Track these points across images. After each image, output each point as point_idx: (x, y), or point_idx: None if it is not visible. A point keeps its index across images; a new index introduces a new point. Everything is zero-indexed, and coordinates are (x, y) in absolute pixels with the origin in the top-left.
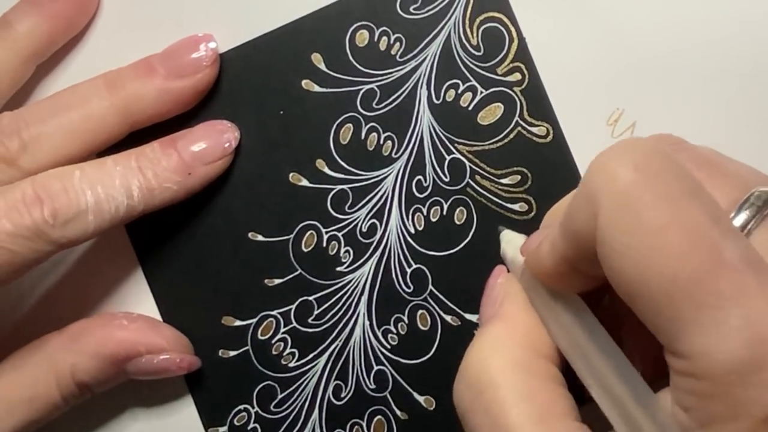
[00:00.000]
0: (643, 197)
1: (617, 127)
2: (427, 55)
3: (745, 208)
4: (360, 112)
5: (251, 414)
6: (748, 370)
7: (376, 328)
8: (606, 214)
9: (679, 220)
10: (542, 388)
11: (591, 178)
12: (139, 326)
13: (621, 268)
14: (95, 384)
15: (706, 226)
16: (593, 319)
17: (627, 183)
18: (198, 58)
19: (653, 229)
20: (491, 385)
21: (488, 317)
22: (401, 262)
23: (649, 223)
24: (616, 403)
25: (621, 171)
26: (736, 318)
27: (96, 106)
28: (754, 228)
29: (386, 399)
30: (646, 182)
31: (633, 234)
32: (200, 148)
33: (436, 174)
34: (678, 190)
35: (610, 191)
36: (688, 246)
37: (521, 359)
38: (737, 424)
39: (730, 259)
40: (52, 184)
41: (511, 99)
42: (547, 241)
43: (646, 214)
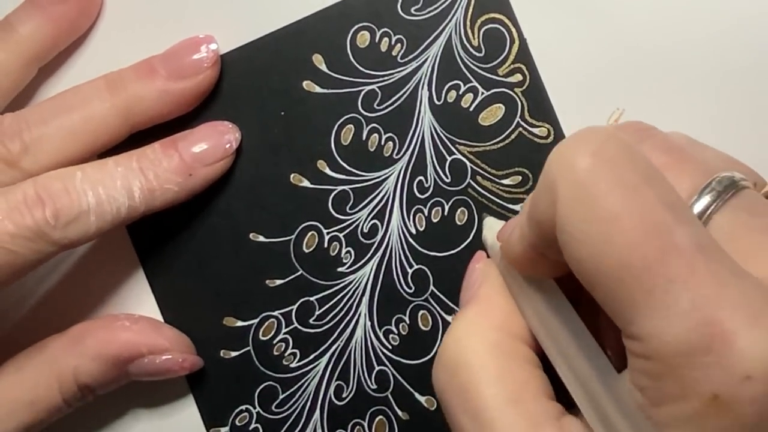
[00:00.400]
0: (599, 185)
1: None
2: (428, 56)
3: (706, 193)
4: (361, 113)
5: (253, 414)
6: (695, 352)
7: (377, 329)
8: (563, 202)
9: (633, 207)
10: (516, 368)
11: (550, 166)
12: (142, 327)
13: (579, 255)
14: (97, 386)
15: (659, 212)
16: (565, 302)
17: (583, 171)
18: (199, 60)
19: (608, 216)
20: (466, 366)
21: (466, 301)
22: (402, 262)
23: (603, 210)
24: (581, 381)
25: (578, 159)
26: (685, 301)
27: (97, 107)
28: (714, 212)
29: (387, 399)
30: (602, 170)
31: (589, 221)
32: (201, 149)
33: (437, 175)
34: (633, 178)
35: (567, 179)
36: (640, 232)
37: (495, 341)
38: (686, 404)
39: (680, 245)
40: (53, 184)
41: (512, 100)
42: (518, 228)
43: (600, 202)
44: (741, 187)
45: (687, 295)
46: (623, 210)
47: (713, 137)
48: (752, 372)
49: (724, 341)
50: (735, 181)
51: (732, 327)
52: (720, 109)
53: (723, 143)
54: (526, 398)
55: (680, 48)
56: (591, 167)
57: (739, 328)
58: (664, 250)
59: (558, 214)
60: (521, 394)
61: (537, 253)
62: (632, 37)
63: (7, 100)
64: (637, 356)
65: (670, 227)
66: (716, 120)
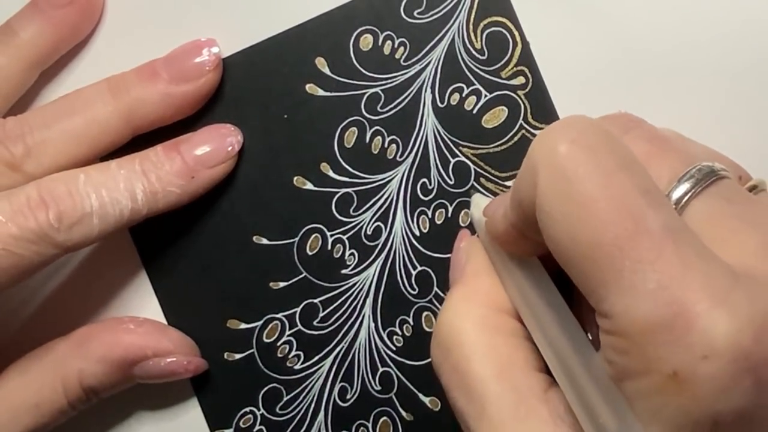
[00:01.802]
0: (577, 169)
1: None
2: (431, 59)
3: (685, 180)
4: (364, 116)
5: (257, 416)
6: (659, 330)
7: (381, 330)
8: (543, 184)
9: (608, 191)
10: (503, 342)
11: (532, 150)
12: (146, 330)
13: (556, 235)
14: (102, 389)
15: (633, 196)
16: (546, 279)
17: (562, 155)
18: (201, 63)
19: (583, 198)
20: (456, 344)
21: (453, 280)
22: (406, 264)
23: (580, 193)
24: (558, 356)
25: (559, 144)
26: (651, 281)
27: (100, 110)
28: (692, 198)
29: (392, 400)
30: (581, 155)
31: (566, 203)
32: (203, 152)
33: (441, 177)
34: (610, 163)
35: (547, 163)
36: (613, 214)
37: (483, 317)
38: (648, 379)
39: (651, 227)
40: (56, 187)
41: (515, 102)
42: (501, 207)
43: (578, 185)
44: (720, 177)
45: (653, 275)
46: (598, 193)
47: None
48: (710, 351)
49: (686, 320)
50: (714, 170)
51: (694, 307)
52: (722, 110)
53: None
54: (512, 371)
55: (682, 50)
56: (570, 152)
57: (701, 309)
58: (634, 231)
59: (538, 195)
60: (508, 367)
61: (518, 232)
62: (634, 39)
63: (9, 104)
64: (607, 333)
65: (642, 211)
66: (718, 121)
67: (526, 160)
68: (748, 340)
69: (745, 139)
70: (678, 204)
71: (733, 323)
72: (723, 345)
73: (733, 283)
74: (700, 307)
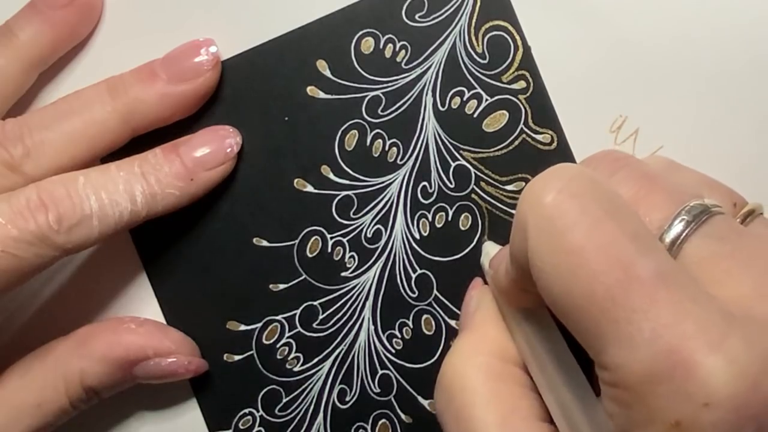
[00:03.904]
0: (564, 219)
1: (620, 134)
2: (432, 62)
3: (677, 222)
4: (365, 119)
5: (256, 418)
6: (658, 380)
7: (380, 333)
8: (532, 236)
9: (596, 240)
10: (507, 391)
11: (521, 204)
12: (147, 330)
13: (550, 288)
14: (103, 389)
15: (622, 243)
16: (554, 330)
17: (549, 207)
18: (199, 63)
19: (572, 249)
20: (461, 391)
21: (462, 327)
22: (406, 267)
23: (569, 243)
24: (562, 406)
25: (544, 196)
26: (647, 331)
27: (99, 111)
28: (684, 241)
29: (391, 403)
30: (567, 205)
31: (555, 256)
32: (202, 154)
33: (441, 180)
34: (597, 211)
35: (535, 215)
36: (603, 264)
37: (489, 366)
38: (651, 430)
39: (642, 275)
40: (56, 189)
41: (516, 106)
42: (504, 261)
43: (566, 236)
44: (712, 214)
45: (648, 324)
46: (586, 242)
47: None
48: (711, 399)
49: (685, 368)
50: (706, 208)
51: (692, 354)
52: (724, 117)
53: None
54: (515, 420)
55: (684, 55)
56: (556, 203)
57: (699, 355)
58: (625, 280)
59: (529, 249)
60: (511, 416)
61: (519, 287)
62: (636, 44)
63: (8, 105)
64: (607, 384)
65: (632, 258)
66: (720, 127)
67: (516, 215)
68: (748, 387)
69: (749, 145)
70: (672, 246)
71: (731, 370)
72: (723, 394)
73: (729, 327)
74: (698, 354)
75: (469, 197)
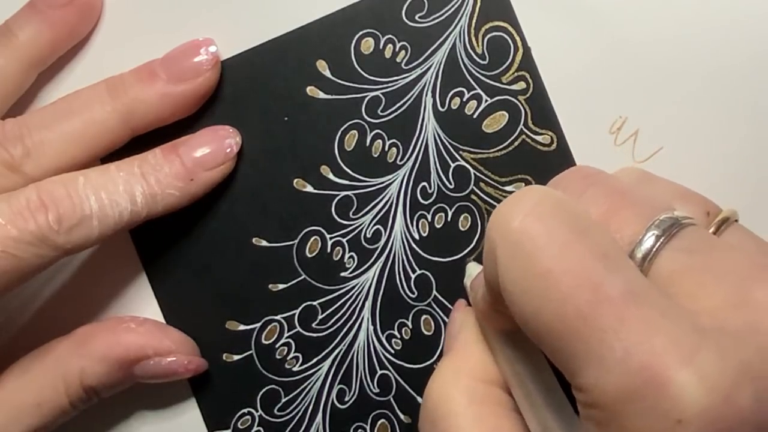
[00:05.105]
0: (531, 242)
1: (620, 135)
2: (432, 63)
3: (647, 237)
4: (365, 119)
5: (255, 418)
6: (632, 399)
7: (380, 333)
8: (502, 261)
9: (564, 262)
10: (490, 413)
11: (489, 229)
12: (147, 329)
13: (522, 312)
14: (103, 388)
15: (589, 264)
16: (536, 351)
17: (517, 231)
18: (199, 62)
19: (542, 272)
20: (445, 414)
21: (446, 350)
22: (405, 267)
23: (537, 266)
24: (545, 428)
25: (512, 220)
26: (618, 350)
27: (98, 111)
28: (656, 255)
29: (390, 403)
30: (534, 228)
31: (525, 278)
32: (202, 154)
33: (441, 181)
34: (564, 233)
35: (503, 240)
36: (572, 285)
37: (472, 388)
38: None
39: (611, 293)
40: (56, 189)
41: (516, 107)
42: (480, 287)
43: (535, 260)
44: (683, 226)
45: (619, 343)
46: (556, 265)
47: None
48: (684, 415)
49: (657, 385)
50: (677, 221)
51: (664, 370)
52: (724, 118)
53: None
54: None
55: (684, 57)
56: (523, 226)
57: (670, 371)
58: (595, 300)
59: (499, 274)
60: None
61: (495, 310)
62: (636, 45)
63: (8, 105)
64: (583, 405)
65: (601, 278)
66: (720, 128)
67: (486, 240)
68: (720, 401)
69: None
70: (644, 261)
71: (703, 384)
72: (695, 409)
73: (700, 341)
74: (669, 370)
75: (468, 198)
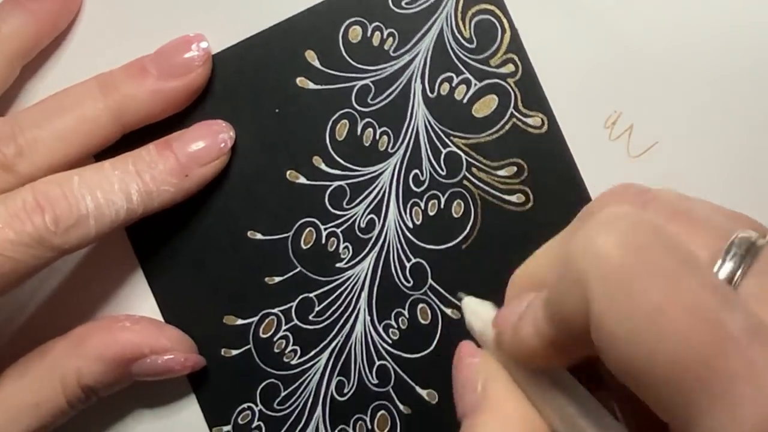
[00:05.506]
0: (637, 277)
1: (614, 130)
2: (420, 49)
3: (729, 259)
4: (355, 108)
5: (255, 412)
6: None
7: (377, 323)
8: (599, 299)
9: (677, 297)
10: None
11: (577, 259)
12: (143, 327)
13: (621, 355)
14: (101, 387)
15: (704, 298)
16: (583, 391)
17: (617, 263)
18: (190, 58)
19: (651, 310)
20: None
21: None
22: (400, 256)
23: (646, 304)
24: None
25: (609, 250)
26: (749, 398)
27: (90, 108)
28: (740, 279)
29: (389, 394)
30: (637, 260)
31: (630, 319)
32: (197, 149)
33: (433, 168)
34: (671, 264)
35: (600, 274)
36: (690, 325)
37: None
38: None
39: (734, 333)
40: (52, 190)
41: (505, 90)
42: (528, 322)
43: (641, 297)
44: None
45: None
46: (668, 300)
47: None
48: None
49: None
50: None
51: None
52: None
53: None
54: None
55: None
56: (625, 257)
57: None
58: (718, 342)
59: (593, 313)
60: None
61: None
62: (630, 40)
63: None
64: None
65: (720, 314)
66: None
67: (567, 270)
68: None
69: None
70: None
71: None
72: None
73: None
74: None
75: (461, 184)
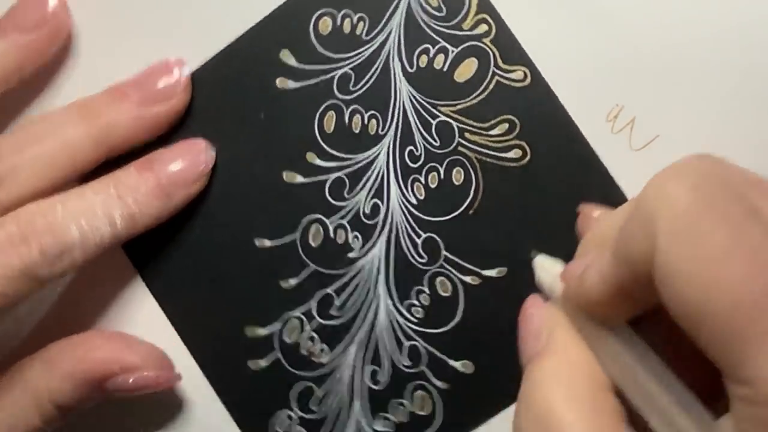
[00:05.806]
0: (704, 220)
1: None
2: (392, 27)
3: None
4: (339, 98)
5: (293, 418)
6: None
7: (399, 305)
8: (665, 238)
9: (741, 244)
10: (609, 426)
11: (648, 200)
12: (113, 345)
13: (681, 295)
14: (75, 405)
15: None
16: (645, 346)
17: (686, 206)
18: (171, 84)
19: (715, 254)
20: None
21: (537, 350)
22: (410, 234)
23: (710, 247)
24: None
25: (680, 193)
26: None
27: (71, 134)
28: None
29: (423, 373)
30: (706, 205)
31: (694, 259)
32: (177, 169)
33: (426, 141)
34: (738, 212)
35: (669, 215)
36: (751, 270)
37: (585, 395)
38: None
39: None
40: (36, 221)
41: (483, 51)
42: (594, 270)
43: (707, 239)
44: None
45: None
46: (732, 246)
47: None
48: None
49: None
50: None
51: None
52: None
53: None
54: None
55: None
56: (695, 201)
57: None
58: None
59: (658, 251)
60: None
61: (622, 295)
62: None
63: None
64: (745, 402)
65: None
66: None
67: (637, 212)
68: None
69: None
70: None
71: None
72: None
73: None
74: None
75: (456, 151)
